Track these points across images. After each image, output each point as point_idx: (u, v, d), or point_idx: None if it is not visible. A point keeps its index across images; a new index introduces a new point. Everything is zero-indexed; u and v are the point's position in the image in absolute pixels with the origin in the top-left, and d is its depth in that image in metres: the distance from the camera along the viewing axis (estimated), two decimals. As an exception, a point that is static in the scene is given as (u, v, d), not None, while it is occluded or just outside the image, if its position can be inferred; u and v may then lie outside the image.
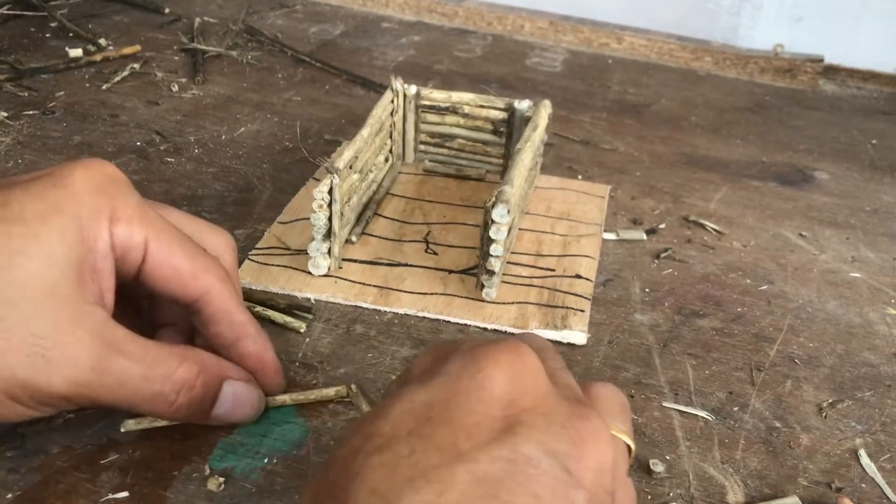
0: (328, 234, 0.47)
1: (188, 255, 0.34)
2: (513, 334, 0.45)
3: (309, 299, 0.46)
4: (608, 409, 0.27)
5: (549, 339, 0.45)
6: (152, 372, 0.32)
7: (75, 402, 0.31)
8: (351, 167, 0.49)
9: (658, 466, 0.37)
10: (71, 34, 0.81)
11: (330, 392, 0.39)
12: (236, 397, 0.35)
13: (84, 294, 0.30)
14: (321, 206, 0.46)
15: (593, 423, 0.24)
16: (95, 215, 0.31)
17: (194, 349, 0.34)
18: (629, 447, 0.27)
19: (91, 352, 0.30)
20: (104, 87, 0.70)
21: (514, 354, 0.24)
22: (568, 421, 0.24)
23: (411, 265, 0.50)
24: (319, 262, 0.47)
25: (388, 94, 0.57)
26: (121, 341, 0.31)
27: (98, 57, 0.75)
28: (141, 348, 0.32)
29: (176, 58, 0.78)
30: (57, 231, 0.30)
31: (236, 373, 0.36)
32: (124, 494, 0.33)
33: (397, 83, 0.57)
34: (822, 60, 0.91)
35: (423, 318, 0.46)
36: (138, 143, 0.61)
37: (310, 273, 0.48)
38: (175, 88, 0.71)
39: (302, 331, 0.44)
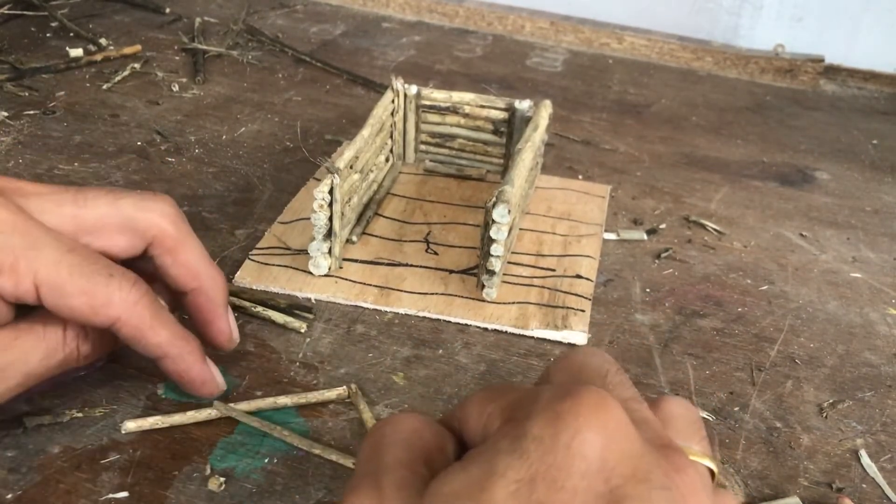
0: (329, 234, 0.47)
1: (84, 293, 0.32)
2: (513, 333, 0.45)
3: (309, 299, 0.46)
4: (683, 430, 0.25)
5: (549, 339, 0.45)
6: (48, 346, 0.33)
7: None
8: (351, 167, 0.49)
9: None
10: (71, 34, 0.81)
11: (331, 394, 0.39)
12: None
13: None
14: (322, 206, 0.46)
15: (689, 476, 0.22)
16: None
17: None
18: (711, 470, 0.25)
19: None
20: (105, 86, 0.70)
21: (601, 409, 0.22)
22: (667, 479, 0.22)
23: (412, 265, 0.50)
24: (320, 262, 0.47)
25: (388, 94, 0.57)
26: (7, 340, 0.33)
27: (98, 57, 0.75)
28: (29, 332, 0.33)
29: (176, 57, 0.78)
30: None
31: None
32: (124, 494, 0.33)
33: (398, 83, 0.57)
34: (822, 60, 0.91)
35: (424, 317, 0.46)
36: (139, 143, 0.61)
37: (310, 273, 0.48)
38: (175, 88, 0.71)
39: (302, 331, 0.44)
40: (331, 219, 0.46)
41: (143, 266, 0.37)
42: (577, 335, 0.45)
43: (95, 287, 0.32)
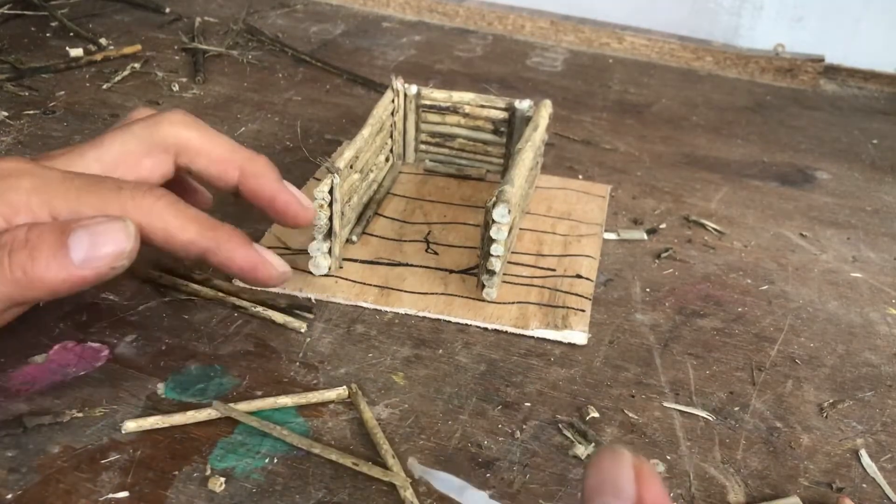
0: (329, 234, 0.47)
1: (97, 209, 0.33)
2: (513, 333, 0.45)
3: (309, 299, 0.46)
4: None
5: (549, 339, 0.45)
6: None
7: None
8: (351, 167, 0.49)
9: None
10: (72, 34, 0.81)
11: (331, 394, 0.39)
12: (93, 233, 0.32)
13: None
14: (322, 206, 0.46)
15: None
16: None
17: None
18: None
19: None
20: (105, 86, 0.70)
21: None
22: None
23: (412, 265, 0.50)
24: (320, 262, 0.47)
25: (388, 94, 0.57)
26: None
27: (99, 56, 0.75)
28: None
29: (176, 57, 0.78)
30: None
31: (91, 218, 0.33)
32: (125, 494, 0.33)
33: (398, 83, 0.57)
34: (822, 60, 0.91)
35: (424, 317, 0.46)
36: (139, 143, 0.61)
37: (310, 273, 0.48)
38: (175, 88, 0.71)
39: (302, 331, 0.44)
40: (331, 218, 0.46)
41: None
42: (578, 335, 0.45)
43: (107, 202, 0.33)
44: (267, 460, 0.36)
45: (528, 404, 0.40)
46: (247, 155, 0.39)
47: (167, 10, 0.90)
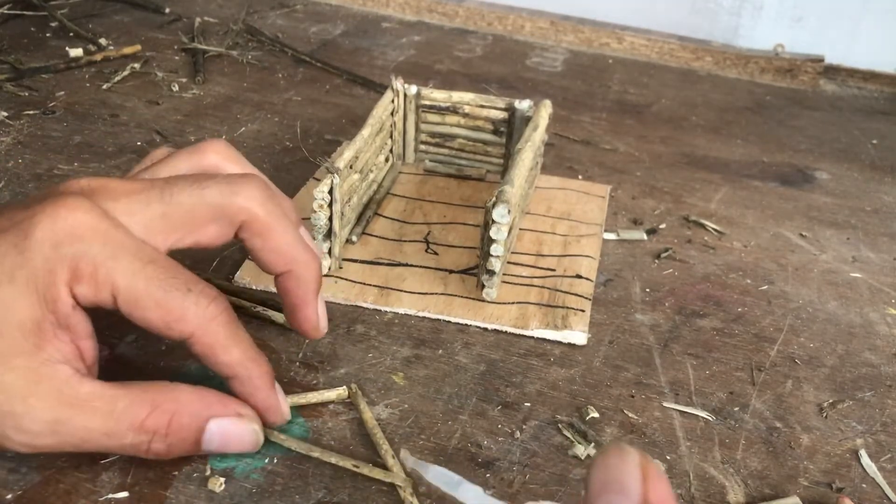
0: (329, 234, 0.47)
1: (159, 306, 0.32)
2: (513, 333, 0.45)
3: (309, 299, 0.46)
4: None
5: (549, 339, 0.45)
6: (116, 427, 0.31)
7: (42, 452, 0.33)
8: (351, 167, 0.49)
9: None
10: (71, 34, 0.81)
11: (331, 395, 0.39)
12: (224, 434, 0.34)
13: (45, 355, 0.31)
14: (321, 206, 0.46)
15: None
16: (51, 278, 0.31)
17: (173, 390, 0.33)
18: None
19: (49, 412, 0.30)
20: (104, 86, 0.70)
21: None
22: None
23: (412, 265, 0.50)
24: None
25: (388, 94, 0.57)
26: (83, 398, 0.31)
27: (98, 57, 0.75)
28: (106, 402, 0.31)
29: (176, 57, 0.78)
30: (12, 299, 0.30)
31: (225, 409, 0.34)
32: (124, 494, 0.33)
33: (398, 83, 0.57)
34: (822, 60, 0.91)
35: (424, 317, 0.46)
36: (139, 143, 0.61)
37: (310, 273, 0.48)
38: (175, 88, 0.71)
39: (302, 331, 0.43)
40: (330, 219, 0.46)
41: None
42: (577, 335, 0.45)
43: (171, 302, 0.32)
44: (267, 460, 0.36)
45: (528, 404, 0.40)
46: (303, 259, 0.37)
47: (167, 10, 0.90)
